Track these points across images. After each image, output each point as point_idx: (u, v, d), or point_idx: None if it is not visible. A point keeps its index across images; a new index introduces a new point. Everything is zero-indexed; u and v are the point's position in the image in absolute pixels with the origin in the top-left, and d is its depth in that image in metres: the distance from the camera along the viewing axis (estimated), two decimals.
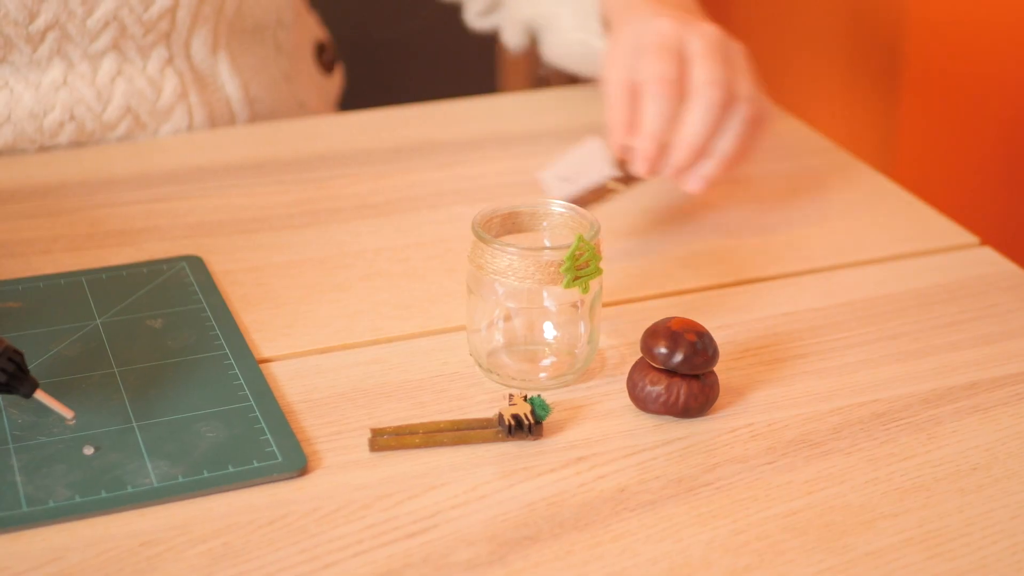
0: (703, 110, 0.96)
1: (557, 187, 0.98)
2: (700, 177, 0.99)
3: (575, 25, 1.18)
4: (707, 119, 0.97)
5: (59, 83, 1.11)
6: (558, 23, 1.19)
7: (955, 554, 0.71)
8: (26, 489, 0.73)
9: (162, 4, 1.11)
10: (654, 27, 1.00)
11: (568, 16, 1.19)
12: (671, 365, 0.80)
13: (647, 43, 0.99)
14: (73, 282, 0.93)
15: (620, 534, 0.72)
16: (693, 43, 0.99)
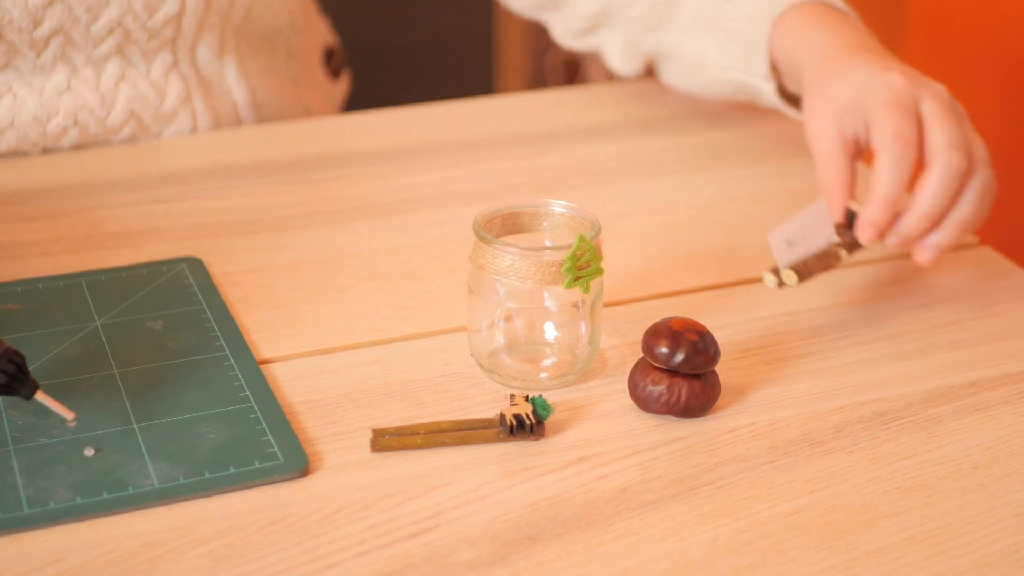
0: (944, 177, 0.89)
1: (783, 251, 0.88)
2: (933, 246, 0.91)
3: (727, 63, 1.11)
4: (948, 187, 0.89)
5: (63, 88, 1.11)
6: (701, 59, 1.13)
7: (957, 552, 0.71)
8: (27, 491, 0.73)
9: (167, 12, 1.11)
10: (882, 82, 0.92)
11: (715, 53, 1.12)
12: (672, 365, 0.80)
13: (877, 99, 0.91)
14: (72, 284, 0.93)
15: (622, 534, 0.72)
16: (927, 101, 0.91)
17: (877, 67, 0.93)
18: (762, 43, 1.07)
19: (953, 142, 0.89)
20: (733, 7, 1.09)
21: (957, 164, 0.88)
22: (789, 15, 1.05)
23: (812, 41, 1.02)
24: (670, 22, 1.14)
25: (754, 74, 1.09)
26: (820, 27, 1.02)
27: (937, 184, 0.88)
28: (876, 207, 0.89)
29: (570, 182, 1.12)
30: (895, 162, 0.88)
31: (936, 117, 0.90)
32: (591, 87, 1.36)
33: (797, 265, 0.87)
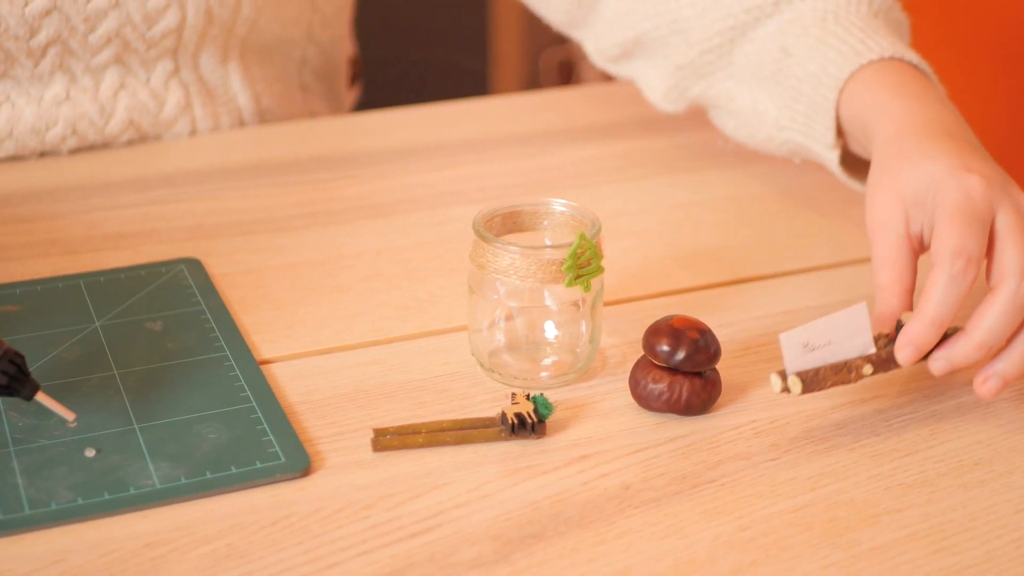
0: (1010, 304, 0.78)
1: (796, 354, 0.77)
2: (997, 376, 0.80)
3: (785, 123, 1.00)
4: (1013, 316, 0.79)
5: (61, 98, 1.10)
6: (757, 114, 1.03)
7: (959, 548, 0.71)
8: (28, 491, 0.73)
9: (166, 25, 1.10)
10: (959, 183, 0.81)
11: (773, 109, 1.01)
12: (673, 363, 0.80)
13: (948, 202, 0.80)
14: (71, 285, 0.93)
15: (625, 531, 0.72)
16: (1006, 214, 0.81)
17: (957, 162, 0.82)
18: (828, 109, 0.96)
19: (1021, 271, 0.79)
20: (795, 63, 0.98)
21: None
22: (861, 75, 0.94)
23: (888, 110, 0.90)
24: (723, 69, 1.04)
25: (817, 140, 0.98)
26: (897, 93, 0.91)
27: (1000, 312, 0.78)
28: (922, 326, 0.79)
29: (568, 182, 1.12)
30: (951, 281, 0.78)
31: (1012, 234, 0.80)
32: (588, 87, 1.36)
33: (807, 373, 0.77)
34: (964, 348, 0.79)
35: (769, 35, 1.00)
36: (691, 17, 1.03)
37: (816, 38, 0.97)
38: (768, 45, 0.99)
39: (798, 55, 0.97)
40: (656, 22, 1.06)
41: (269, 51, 1.21)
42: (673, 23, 1.05)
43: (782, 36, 0.99)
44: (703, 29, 1.02)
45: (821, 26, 0.97)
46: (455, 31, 1.46)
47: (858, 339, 0.78)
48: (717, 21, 1.01)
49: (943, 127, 0.87)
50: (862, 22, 0.96)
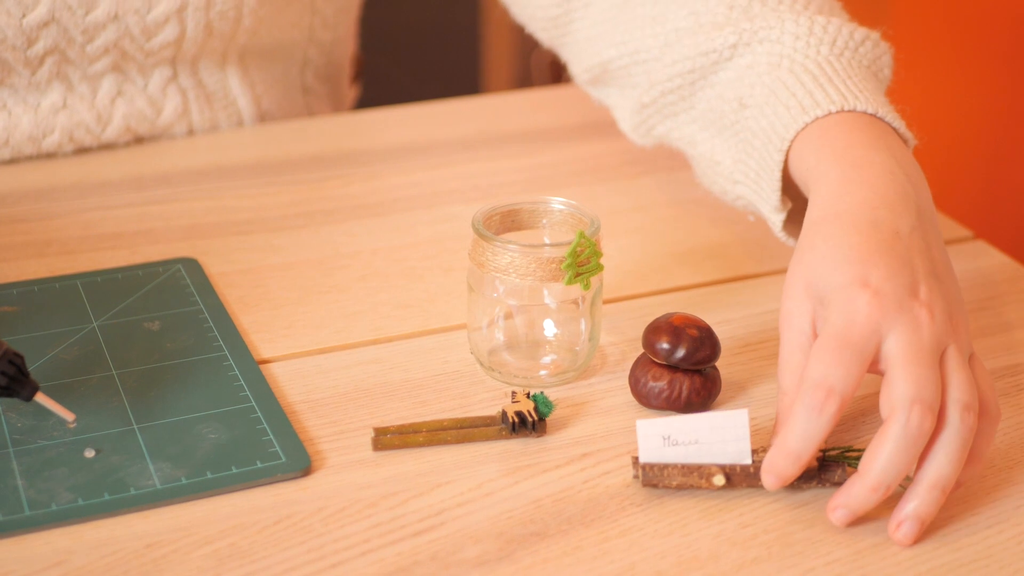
0: (903, 441, 0.71)
1: (651, 444, 0.74)
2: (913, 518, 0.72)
3: (738, 176, 0.92)
4: (904, 454, 0.71)
5: (58, 106, 1.10)
6: (715, 163, 0.95)
7: (961, 544, 0.71)
8: (28, 493, 0.73)
9: (164, 37, 1.09)
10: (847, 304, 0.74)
11: (728, 161, 0.93)
12: (673, 360, 0.80)
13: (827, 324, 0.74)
14: (68, 285, 0.93)
15: (627, 529, 0.72)
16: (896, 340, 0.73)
17: (857, 273, 0.75)
18: (774, 169, 0.87)
19: (916, 397, 0.71)
20: (749, 115, 0.90)
21: (917, 422, 0.70)
22: (807, 134, 0.85)
23: (824, 180, 0.82)
24: (686, 112, 0.97)
25: (764, 200, 0.90)
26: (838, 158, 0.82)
27: (893, 450, 0.71)
28: (782, 457, 0.72)
29: (564, 180, 1.12)
30: (810, 412, 0.71)
31: (899, 363, 0.72)
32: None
33: (652, 467, 0.74)
34: (860, 492, 0.71)
35: (728, 82, 0.93)
36: (652, 48, 0.98)
37: (769, 89, 0.89)
38: (726, 93, 0.93)
39: (752, 107, 0.90)
40: (620, 51, 1.01)
41: (270, 54, 1.20)
42: (635, 53, 0.99)
43: (739, 85, 0.92)
44: (663, 69, 0.96)
45: (774, 75, 0.89)
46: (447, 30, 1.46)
47: (733, 445, 0.74)
48: (676, 63, 0.95)
49: (868, 215, 0.78)
50: (817, 68, 0.88)
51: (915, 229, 0.77)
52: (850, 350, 0.72)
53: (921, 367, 0.72)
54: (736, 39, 0.92)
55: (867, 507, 0.71)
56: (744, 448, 0.74)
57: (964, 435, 0.72)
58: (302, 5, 1.19)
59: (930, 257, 0.77)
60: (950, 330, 0.74)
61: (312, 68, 1.26)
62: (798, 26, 0.90)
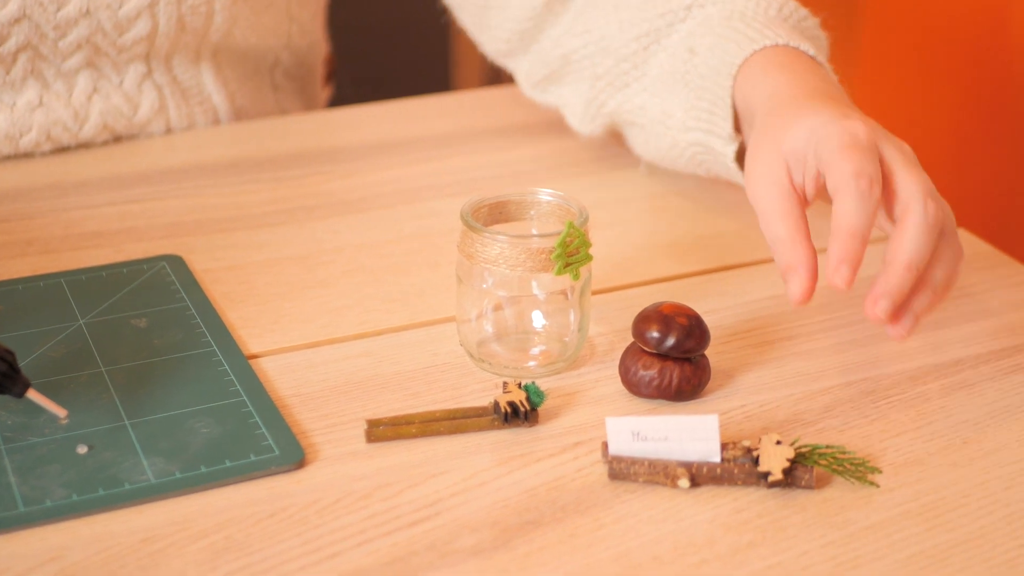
0: (925, 227, 0.77)
1: (620, 439, 0.75)
2: (914, 315, 0.78)
3: (690, 123, 0.99)
4: (929, 236, 0.77)
5: (35, 104, 1.10)
6: (664, 120, 1.01)
7: (953, 525, 0.72)
8: (21, 489, 0.72)
9: (137, 32, 1.09)
10: (841, 126, 0.81)
11: (680, 112, 1.00)
12: (663, 349, 0.80)
13: (834, 142, 0.79)
14: (52, 284, 0.92)
15: (622, 516, 0.72)
16: (891, 150, 0.81)
17: (836, 113, 0.82)
18: (725, 98, 0.95)
19: (928, 190, 0.79)
20: (700, 60, 0.98)
21: (934, 213, 0.78)
22: (753, 60, 0.94)
23: (770, 84, 0.91)
24: (637, 81, 1.03)
25: (717, 134, 0.97)
26: (783, 69, 0.92)
27: (917, 232, 0.77)
28: (846, 241, 0.76)
29: (545, 173, 1.12)
30: (860, 197, 0.77)
31: (904, 165, 0.80)
32: None
33: (621, 461, 0.75)
34: (895, 274, 0.76)
35: (680, 39, 1.00)
36: (615, 33, 1.04)
37: (719, 35, 0.96)
38: (678, 49, 0.99)
39: (702, 52, 0.97)
40: (584, 39, 1.06)
41: (242, 55, 1.20)
42: (600, 40, 1.05)
43: (690, 38, 0.99)
44: (620, 36, 1.03)
45: (726, 24, 0.97)
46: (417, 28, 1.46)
47: (703, 444, 0.74)
48: (634, 27, 1.02)
49: (822, 92, 0.87)
50: (765, 20, 0.96)
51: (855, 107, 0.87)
52: (867, 150, 0.79)
53: (920, 170, 0.80)
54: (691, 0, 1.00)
55: (904, 289, 0.76)
56: (714, 448, 0.75)
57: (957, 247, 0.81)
58: (279, 11, 1.19)
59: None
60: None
61: (282, 68, 1.26)
62: None
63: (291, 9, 1.21)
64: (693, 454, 0.75)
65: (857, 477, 0.74)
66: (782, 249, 0.79)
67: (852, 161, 0.78)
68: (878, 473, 0.75)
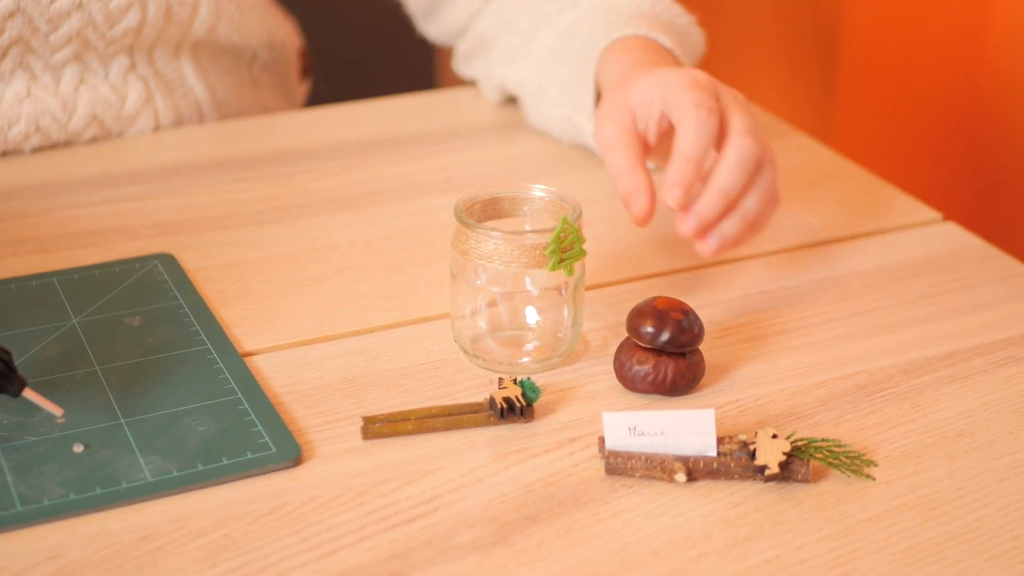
0: (739, 157, 0.87)
1: (617, 434, 0.75)
2: (720, 236, 0.88)
3: (560, 97, 1.11)
4: (743, 168, 0.87)
5: (23, 95, 1.10)
6: (540, 93, 1.13)
7: (949, 517, 0.72)
8: (19, 488, 0.72)
9: (126, 24, 1.10)
10: (683, 73, 0.90)
11: (553, 88, 1.11)
12: (658, 344, 0.81)
13: (677, 83, 0.89)
14: (45, 283, 0.92)
15: (620, 510, 0.72)
16: (725, 94, 0.91)
17: (679, 69, 0.92)
18: (588, 77, 1.05)
19: (748, 129, 0.87)
20: (577, 42, 1.08)
21: (752, 149, 0.87)
22: (613, 46, 1.04)
23: (621, 62, 1.01)
24: (525, 57, 1.14)
25: (580, 109, 1.08)
26: (633, 52, 1.01)
27: (732, 163, 0.86)
28: (681, 165, 0.85)
29: (534, 170, 1.12)
30: (699, 125, 0.86)
31: (733, 107, 0.89)
32: None
33: (617, 456, 0.75)
34: (705, 201, 0.86)
35: (565, 25, 1.11)
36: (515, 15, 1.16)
37: (594, 22, 1.07)
38: (562, 33, 1.11)
39: (580, 36, 1.08)
40: (493, 21, 1.18)
41: (221, 49, 1.21)
42: (505, 24, 1.16)
43: (574, 23, 1.10)
44: (517, 18, 1.15)
45: (602, 14, 1.07)
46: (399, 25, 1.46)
47: (699, 439, 0.75)
48: (530, 6, 1.14)
49: (669, 63, 0.98)
50: (637, 13, 1.06)
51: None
52: (708, 88, 0.89)
53: (746, 112, 0.89)
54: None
55: (714, 212, 0.86)
56: (710, 443, 0.75)
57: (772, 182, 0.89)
58: (261, 12, 1.20)
59: None
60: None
61: (260, 63, 1.27)
62: None
63: (269, 9, 1.22)
64: (689, 448, 0.75)
65: (853, 470, 0.75)
66: (623, 177, 0.87)
67: (693, 94, 0.87)
68: (874, 466, 0.75)
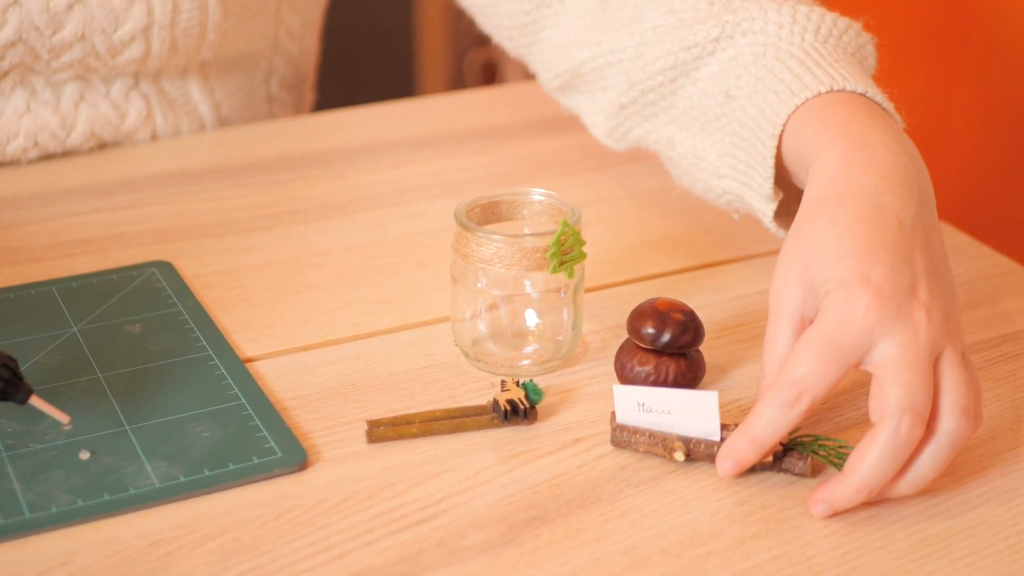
0: (891, 447, 0.71)
1: (626, 407, 0.77)
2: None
3: (724, 170, 0.90)
4: (896, 459, 0.71)
5: (22, 111, 1.09)
6: (697, 161, 0.93)
7: (952, 512, 0.73)
8: (26, 496, 0.72)
9: (130, 55, 1.09)
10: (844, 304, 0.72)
11: (713, 156, 0.91)
12: (659, 345, 0.81)
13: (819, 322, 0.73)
14: (44, 292, 0.92)
15: (627, 510, 0.73)
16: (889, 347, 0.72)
17: (860, 270, 0.73)
18: (767, 156, 0.86)
19: (909, 403, 0.71)
20: (738, 106, 0.89)
21: (907, 430, 0.71)
22: (801, 114, 0.84)
23: (826, 154, 0.80)
24: (665, 112, 0.96)
25: (755, 190, 0.88)
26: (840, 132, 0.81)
27: (880, 455, 0.71)
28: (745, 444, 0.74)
29: (527, 174, 1.13)
30: (782, 406, 0.72)
31: (893, 369, 0.72)
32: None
33: (623, 429, 0.77)
34: (844, 492, 0.72)
35: (712, 76, 0.92)
36: (628, 48, 0.96)
37: (756, 78, 0.88)
38: (711, 88, 0.91)
39: (740, 98, 0.89)
40: (594, 52, 0.99)
41: (233, 64, 1.20)
42: (610, 53, 0.98)
43: (724, 78, 0.90)
44: (644, 68, 0.95)
45: (760, 63, 0.88)
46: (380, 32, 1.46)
47: (704, 423, 0.76)
48: (658, 59, 0.93)
49: (874, 200, 0.76)
50: (803, 54, 0.87)
51: (918, 217, 0.76)
52: (836, 354, 0.72)
53: (915, 374, 0.71)
54: (719, 32, 0.90)
55: (848, 506, 0.72)
56: (714, 427, 0.76)
57: (956, 441, 0.72)
58: (267, 16, 1.19)
59: (929, 250, 0.76)
60: (946, 332, 0.73)
61: (278, 77, 1.26)
62: (781, 15, 0.89)
63: (280, 14, 1.21)
64: (695, 431, 0.76)
65: None
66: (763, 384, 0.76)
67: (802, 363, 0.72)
68: None
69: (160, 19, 1.08)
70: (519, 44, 1.06)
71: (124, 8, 1.06)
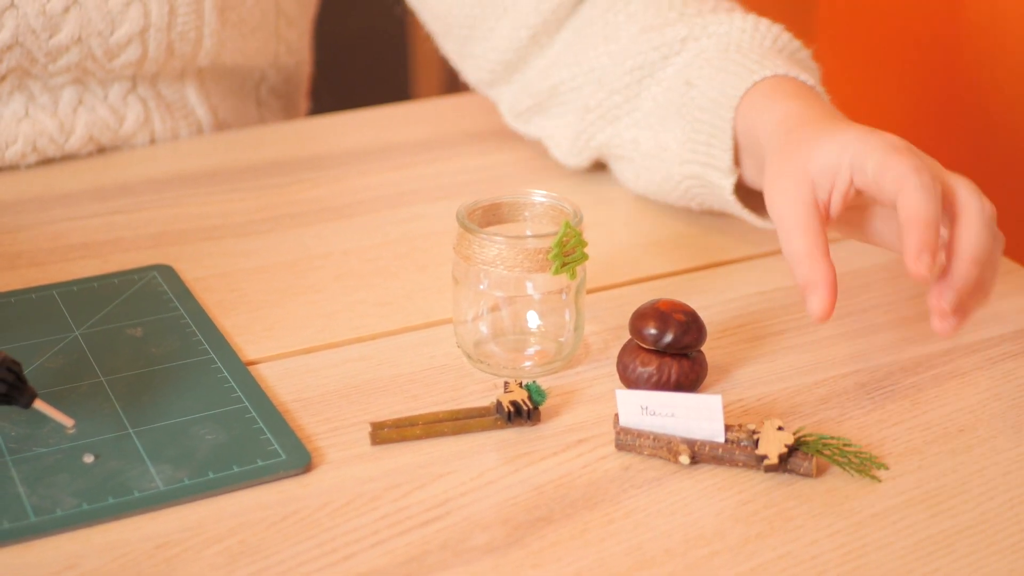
0: (986, 221, 0.78)
1: (630, 411, 0.77)
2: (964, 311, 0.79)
3: (686, 156, 0.98)
4: (989, 231, 0.79)
5: (20, 115, 1.09)
6: (659, 153, 1.00)
7: (956, 511, 0.73)
8: (31, 499, 0.72)
9: (127, 58, 1.09)
10: (879, 136, 0.80)
11: (676, 145, 0.99)
12: (661, 345, 0.81)
13: (878, 149, 0.79)
14: (45, 296, 0.92)
15: (631, 510, 0.73)
16: (927, 159, 0.81)
17: (864, 129, 0.82)
18: (725, 129, 0.94)
19: (978, 191, 0.79)
20: (698, 92, 0.97)
21: (992, 208, 0.79)
22: (755, 91, 0.93)
23: (779, 110, 0.90)
24: (629, 115, 1.03)
25: (715, 167, 0.96)
26: (788, 97, 0.91)
27: (978, 227, 0.78)
28: (922, 230, 0.75)
29: (523, 177, 1.13)
30: (925, 189, 0.76)
31: (949, 173, 0.80)
32: None
33: (628, 433, 0.77)
34: (960, 268, 0.77)
35: (676, 72, 1.00)
36: (607, 65, 1.03)
37: (717, 67, 0.96)
38: (674, 82, 0.99)
39: (700, 84, 0.97)
40: (573, 71, 1.05)
41: (227, 72, 1.20)
42: (590, 71, 1.04)
43: (687, 70, 0.99)
44: (614, 70, 1.02)
45: (723, 56, 0.97)
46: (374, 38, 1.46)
47: (708, 424, 0.76)
48: (628, 60, 1.01)
49: (834, 115, 0.87)
50: (760, 54, 0.96)
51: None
52: (916, 154, 0.79)
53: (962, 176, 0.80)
54: (687, 33, 1.00)
55: (969, 282, 0.77)
56: (718, 428, 0.76)
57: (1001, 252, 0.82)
58: (267, 33, 1.20)
59: None
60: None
61: (268, 85, 1.26)
62: (745, 22, 0.99)
63: (279, 30, 1.21)
64: (699, 432, 0.76)
65: (861, 471, 0.75)
66: (802, 264, 0.78)
67: (908, 160, 0.78)
68: (884, 469, 0.76)
69: (156, 22, 1.08)
70: (499, 76, 1.12)
71: (120, 11, 1.06)
